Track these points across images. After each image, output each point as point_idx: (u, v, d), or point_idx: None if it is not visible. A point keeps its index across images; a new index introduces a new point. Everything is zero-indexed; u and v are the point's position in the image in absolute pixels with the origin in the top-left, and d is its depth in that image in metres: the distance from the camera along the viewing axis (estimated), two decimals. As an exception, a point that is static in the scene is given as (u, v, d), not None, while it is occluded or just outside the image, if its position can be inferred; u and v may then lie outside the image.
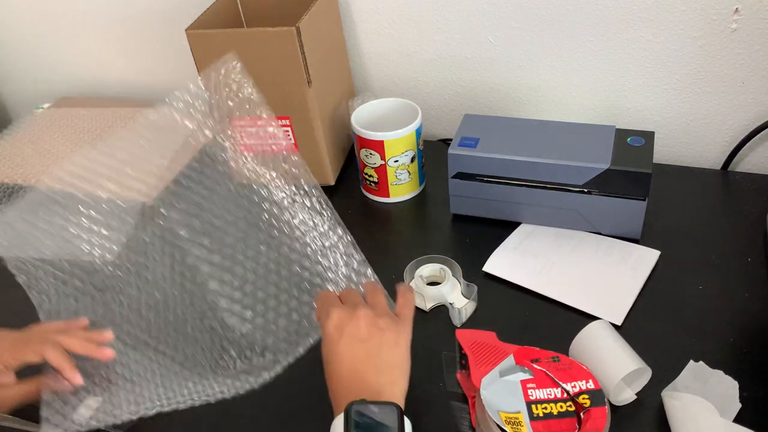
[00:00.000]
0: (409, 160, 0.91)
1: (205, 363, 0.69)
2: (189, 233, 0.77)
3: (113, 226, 0.98)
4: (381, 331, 0.58)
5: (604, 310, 0.74)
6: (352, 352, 0.57)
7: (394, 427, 0.51)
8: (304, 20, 0.86)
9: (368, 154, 0.91)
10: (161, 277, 0.77)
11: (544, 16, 0.93)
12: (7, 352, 0.64)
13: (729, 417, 0.60)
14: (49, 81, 1.38)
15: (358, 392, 0.54)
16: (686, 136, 0.97)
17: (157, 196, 1.00)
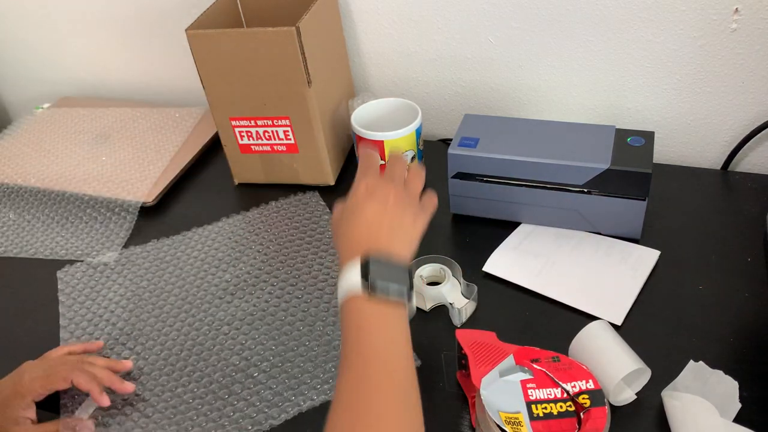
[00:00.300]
0: (409, 160, 0.91)
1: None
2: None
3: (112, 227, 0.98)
4: (405, 208, 0.62)
5: (604, 310, 0.74)
6: (374, 213, 0.60)
7: (405, 284, 0.56)
8: (304, 20, 0.86)
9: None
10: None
11: (544, 16, 0.93)
12: (37, 382, 0.67)
13: (729, 417, 0.60)
14: (49, 81, 1.38)
15: (368, 248, 0.57)
16: (686, 136, 0.97)
17: (156, 196, 1.00)
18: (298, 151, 0.96)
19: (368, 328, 0.54)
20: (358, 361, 0.52)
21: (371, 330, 0.54)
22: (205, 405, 0.70)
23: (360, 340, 0.53)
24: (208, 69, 0.91)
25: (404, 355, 0.54)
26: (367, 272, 0.55)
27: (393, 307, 0.55)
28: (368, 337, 0.53)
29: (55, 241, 0.97)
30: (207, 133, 1.13)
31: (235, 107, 0.94)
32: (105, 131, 1.18)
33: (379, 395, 0.50)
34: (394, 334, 0.55)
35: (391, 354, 0.53)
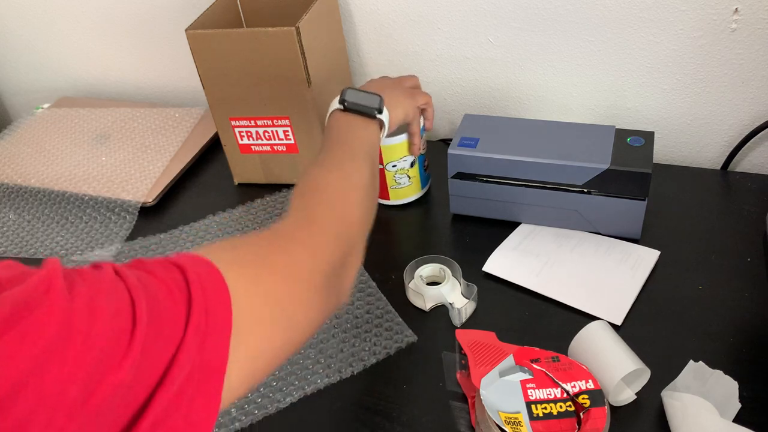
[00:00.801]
0: (409, 165, 0.90)
1: None
2: None
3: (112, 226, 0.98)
4: (408, 85, 0.82)
5: (603, 310, 0.74)
6: (379, 81, 0.79)
7: (374, 105, 0.71)
8: (304, 20, 0.86)
9: None
10: None
11: (544, 16, 0.93)
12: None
13: (729, 417, 0.60)
14: (49, 81, 1.38)
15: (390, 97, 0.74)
16: (686, 136, 0.97)
17: (156, 196, 1.00)
18: (298, 152, 0.96)
19: (345, 131, 0.69)
20: (331, 152, 0.66)
21: (346, 132, 0.68)
22: None
23: (337, 140, 0.68)
24: (208, 69, 0.91)
25: (370, 157, 0.67)
26: (344, 94, 0.70)
27: (362, 120, 0.70)
28: (343, 138, 0.68)
29: (55, 241, 0.97)
30: (207, 133, 1.13)
31: (235, 107, 0.94)
32: (105, 131, 1.18)
33: (342, 181, 0.61)
34: (363, 139, 0.69)
35: (359, 153, 0.66)
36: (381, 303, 0.79)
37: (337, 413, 0.68)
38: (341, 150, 0.66)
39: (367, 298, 0.80)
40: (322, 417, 0.68)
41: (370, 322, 0.77)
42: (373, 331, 0.76)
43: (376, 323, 0.76)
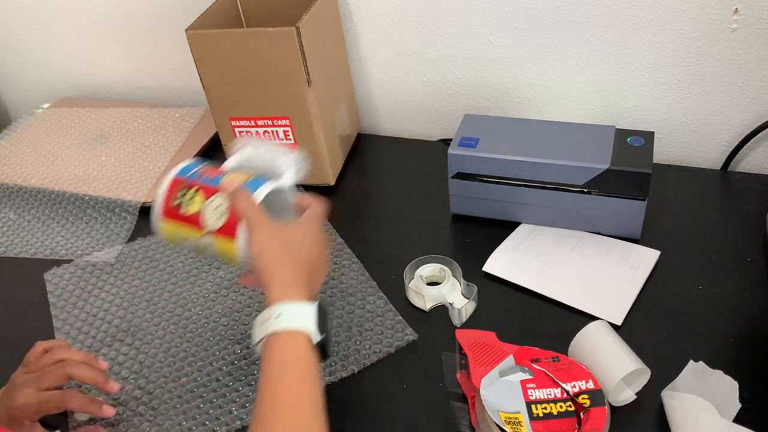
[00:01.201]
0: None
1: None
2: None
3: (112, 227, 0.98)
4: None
5: (603, 310, 0.74)
6: (321, 254, 0.65)
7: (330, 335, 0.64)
8: (304, 20, 0.86)
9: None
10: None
11: (544, 16, 0.93)
12: (30, 409, 0.66)
13: (729, 417, 0.60)
14: (49, 81, 1.38)
15: (316, 284, 0.64)
16: (686, 136, 0.97)
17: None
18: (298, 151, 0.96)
19: (302, 371, 0.55)
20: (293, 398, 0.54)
21: (303, 374, 0.55)
22: (211, 392, 0.71)
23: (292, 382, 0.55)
24: (208, 69, 0.91)
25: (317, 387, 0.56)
26: (320, 321, 0.57)
27: (310, 343, 0.57)
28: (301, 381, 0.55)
29: (55, 241, 0.97)
30: (207, 133, 1.13)
31: (235, 107, 0.94)
32: (105, 131, 1.18)
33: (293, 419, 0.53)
34: (318, 380, 0.56)
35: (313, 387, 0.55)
36: (381, 302, 0.79)
37: (337, 413, 0.68)
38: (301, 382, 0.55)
39: (368, 297, 0.80)
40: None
41: (371, 320, 0.77)
42: (373, 329, 0.76)
43: (377, 322, 0.76)
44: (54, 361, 0.70)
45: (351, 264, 0.85)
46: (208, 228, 0.64)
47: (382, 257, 0.85)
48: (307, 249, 0.63)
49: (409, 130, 1.14)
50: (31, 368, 0.70)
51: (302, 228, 0.64)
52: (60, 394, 0.67)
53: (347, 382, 0.71)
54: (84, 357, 0.71)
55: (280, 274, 0.59)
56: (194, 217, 0.65)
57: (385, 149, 1.09)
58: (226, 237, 0.64)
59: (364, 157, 1.07)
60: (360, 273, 0.83)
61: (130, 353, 0.77)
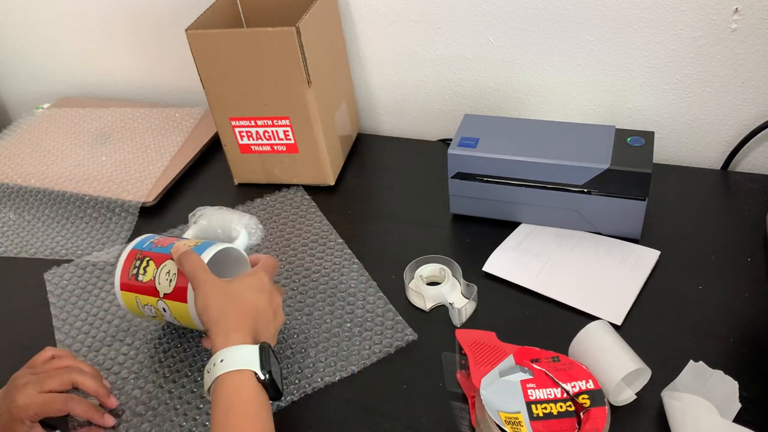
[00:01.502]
0: None
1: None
2: None
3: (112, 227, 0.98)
4: (277, 315, 0.68)
5: (604, 310, 0.74)
6: (266, 305, 0.66)
7: (281, 377, 0.63)
8: (304, 20, 0.86)
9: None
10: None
11: (544, 16, 0.93)
12: (32, 409, 0.66)
13: (729, 417, 0.60)
14: (49, 81, 1.38)
15: (261, 331, 0.64)
16: (686, 136, 0.97)
17: (156, 196, 1.00)
18: (298, 152, 0.96)
19: (252, 410, 0.57)
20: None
21: (254, 413, 0.57)
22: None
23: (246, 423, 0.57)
24: (208, 69, 0.91)
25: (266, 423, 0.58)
26: (264, 360, 0.59)
27: (258, 385, 0.59)
28: (254, 420, 0.57)
29: (56, 241, 0.97)
30: (207, 133, 1.13)
31: (235, 107, 0.94)
32: (105, 131, 1.18)
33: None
34: (263, 410, 0.58)
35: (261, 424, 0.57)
36: (381, 302, 0.79)
37: (337, 413, 0.68)
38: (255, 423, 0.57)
39: (368, 297, 0.80)
40: (323, 416, 0.68)
41: (371, 320, 0.77)
42: (373, 329, 0.76)
43: (377, 322, 0.76)
44: (62, 366, 0.70)
45: (351, 264, 0.85)
46: (162, 292, 0.70)
47: (382, 257, 0.85)
48: (252, 298, 0.65)
49: (409, 130, 1.14)
50: (37, 370, 0.70)
51: (247, 279, 0.67)
52: (64, 397, 0.67)
53: (347, 382, 0.71)
54: (92, 370, 0.72)
55: (224, 324, 0.62)
56: (149, 284, 0.71)
57: (385, 149, 1.09)
58: (179, 300, 0.69)
59: (364, 157, 1.07)
60: (360, 273, 0.83)
61: (130, 353, 0.77)
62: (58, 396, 0.67)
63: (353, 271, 0.84)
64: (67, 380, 0.68)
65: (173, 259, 0.70)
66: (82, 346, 0.79)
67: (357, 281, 0.82)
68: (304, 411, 0.69)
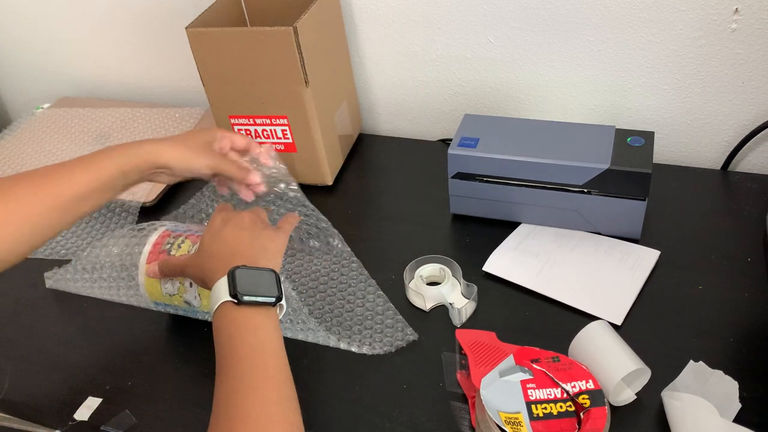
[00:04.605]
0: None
1: None
2: None
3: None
4: (261, 226, 0.67)
5: (604, 310, 0.74)
6: (234, 236, 0.65)
7: (271, 288, 0.59)
8: (303, 20, 0.85)
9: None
10: None
11: (544, 16, 0.93)
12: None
13: (729, 417, 0.60)
14: (49, 81, 1.38)
15: (233, 263, 0.60)
16: (686, 136, 0.97)
17: (156, 196, 1.00)
18: (296, 151, 0.96)
19: (238, 333, 0.56)
20: (231, 367, 0.54)
21: (241, 335, 0.56)
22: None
23: (232, 347, 0.55)
24: (208, 67, 0.91)
25: (276, 354, 0.56)
26: (234, 281, 0.57)
27: (261, 311, 0.58)
28: (239, 342, 0.55)
29: (56, 241, 0.97)
30: (207, 133, 1.13)
31: (234, 105, 0.94)
32: (105, 131, 1.18)
33: (255, 398, 0.52)
34: (264, 336, 0.57)
35: (263, 356, 0.55)
36: (381, 301, 0.79)
37: (337, 412, 0.68)
38: (251, 349, 0.55)
39: (368, 297, 0.80)
40: (323, 416, 0.68)
41: (371, 320, 0.77)
42: (373, 329, 0.76)
43: (377, 321, 0.76)
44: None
45: (351, 263, 0.85)
46: None
47: (382, 257, 0.85)
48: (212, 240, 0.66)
49: (409, 130, 1.14)
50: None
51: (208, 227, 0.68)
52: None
53: (347, 382, 0.71)
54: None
55: (208, 276, 0.63)
56: (181, 257, 0.71)
57: (385, 149, 1.09)
58: None
59: (364, 156, 1.07)
60: (360, 273, 0.83)
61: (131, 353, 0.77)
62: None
63: (353, 271, 0.84)
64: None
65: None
66: (81, 345, 0.79)
67: (357, 281, 0.82)
68: (304, 411, 0.69)
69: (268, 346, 0.56)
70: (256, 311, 0.58)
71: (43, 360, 0.78)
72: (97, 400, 0.72)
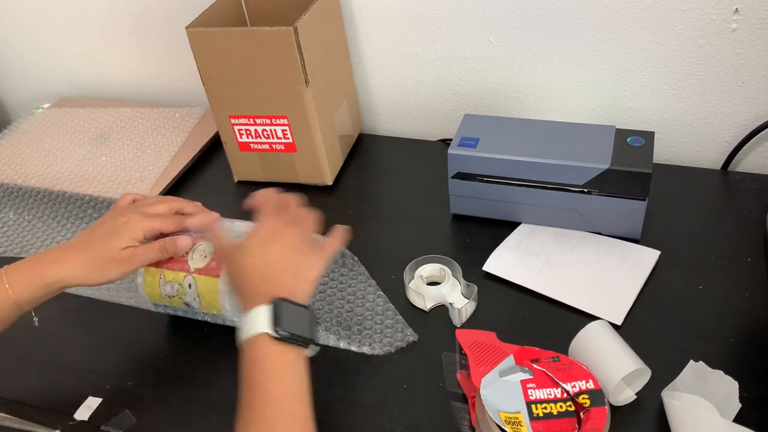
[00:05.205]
0: None
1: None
2: None
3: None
4: (306, 252, 0.64)
5: (604, 310, 0.74)
6: (280, 257, 0.62)
7: (310, 329, 0.58)
8: (303, 20, 0.85)
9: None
10: None
11: (544, 16, 0.93)
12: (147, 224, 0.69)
13: (729, 417, 0.60)
14: (49, 81, 1.38)
15: (274, 289, 0.59)
16: (686, 136, 0.97)
17: (156, 196, 1.00)
18: (296, 151, 0.96)
19: (271, 371, 0.56)
20: (263, 405, 0.54)
21: (274, 373, 0.56)
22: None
23: (265, 385, 0.55)
24: (208, 67, 0.91)
25: (303, 396, 0.56)
26: (278, 316, 0.56)
27: (295, 350, 0.57)
28: (270, 380, 0.55)
29: (56, 241, 0.97)
30: (207, 133, 1.13)
31: (234, 105, 0.94)
32: (105, 131, 1.18)
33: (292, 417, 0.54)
34: (298, 379, 0.57)
35: (292, 399, 0.55)
36: (381, 300, 0.79)
37: (338, 413, 0.68)
38: (281, 389, 0.55)
39: (368, 296, 0.80)
40: (323, 416, 0.68)
41: (371, 320, 0.77)
42: (373, 329, 0.76)
43: (377, 321, 0.76)
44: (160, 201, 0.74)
45: (351, 263, 0.85)
46: (193, 267, 0.72)
47: (382, 257, 0.85)
48: (247, 262, 0.63)
49: (409, 130, 1.14)
50: (131, 207, 0.72)
51: (243, 243, 0.65)
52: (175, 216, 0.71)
53: (347, 382, 0.71)
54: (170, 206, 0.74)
55: (242, 292, 0.62)
56: (181, 259, 0.72)
57: (385, 149, 1.09)
58: (211, 275, 0.71)
59: (364, 156, 1.07)
60: (360, 273, 0.83)
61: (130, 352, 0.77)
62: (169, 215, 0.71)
63: (352, 270, 0.84)
64: (171, 204, 0.72)
65: (209, 240, 0.73)
66: (81, 345, 0.79)
67: (356, 281, 0.82)
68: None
69: (298, 388, 0.56)
70: (290, 349, 0.57)
71: (43, 360, 0.78)
72: (97, 400, 0.72)
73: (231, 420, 0.68)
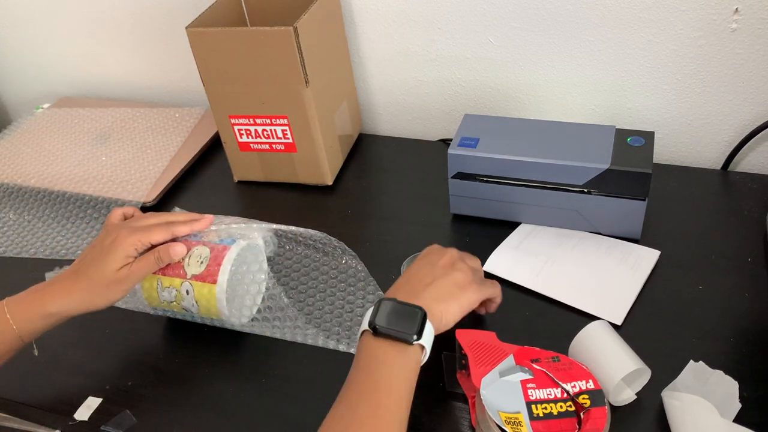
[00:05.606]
0: None
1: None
2: None
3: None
4: (466, 286, 0.65)
5: (604, 310, 0.74)
6: (439, 280, 0.64)
7: (412, 329, 0.58)
8: (303, 20, 0.85)
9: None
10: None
11: (544, 16, 0.93)
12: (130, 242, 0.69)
13: (729, 417, 0.60)
14: (49, 81, 1.38)
15: (399, 295, 0.62)
16: (686, 136, 0.97)
17: (156, 196, 1.00)
18: (296, 151, 0.96)
19: (366, 365, 0.58)
20: (347, 395, 0.56)
21: (368, 366, 0.58)
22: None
23: (357, 374, 0.58)
24: (208, 67, 0.91)
25: (395, 392, 0.57)
26: (376, 311, 0.59)
27: (397, 347, 0.58)
28: (364, 373, 0.57)
29: (56, 241, 0.97)
30: (207, 133, 1.13)
31: (234, 105, 0.94)
32: (105, 131, 1.18)
33: (383, 400, 0.55)
34: (389, 373, 0.57)
35: (377, 393, 0.56)
36: (381, 302, 0.79)
37: (337, 413, 0.68)
38: (371, 383, 0.57)
39: (368, 297, 0.80)
40: (323, 416, 0.68)
41: (370, 321, 0.77)
42: (373, 330, 0.76)
43: (376, 323, 0.76)
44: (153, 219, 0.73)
45: (350, 263, 0.85)
46: (190, 273, 0.72)
47: (382, 257, 0.85)
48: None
49: (409, 130, 1.14)
50: (125, 224, 0.72)
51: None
52: (165, 225, 0.71)
53: (347, 382, 0.71)
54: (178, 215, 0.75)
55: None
56: (177, 265, 0.72)
57: (385, 149, 1.09)
58: (207, 281, 0.71)
59: (364, 156, 1.07)
60: (359, 271, 0.83)
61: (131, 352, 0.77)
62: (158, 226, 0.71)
63: (352, 268, 0.84)
64: (160, 218, 0.73)
65: (205, 244, 0.73)
66: (81, 345, 0.79)
67: (356, 281, 0.82)
68: (304, 411, 0.69)
69: (389, 384, 0.57)
70: (391, 345, 0.58)
71: (43, 360, 0.78)
72: (97, 400, 0.72)
73: (231, 420, 0.69)
